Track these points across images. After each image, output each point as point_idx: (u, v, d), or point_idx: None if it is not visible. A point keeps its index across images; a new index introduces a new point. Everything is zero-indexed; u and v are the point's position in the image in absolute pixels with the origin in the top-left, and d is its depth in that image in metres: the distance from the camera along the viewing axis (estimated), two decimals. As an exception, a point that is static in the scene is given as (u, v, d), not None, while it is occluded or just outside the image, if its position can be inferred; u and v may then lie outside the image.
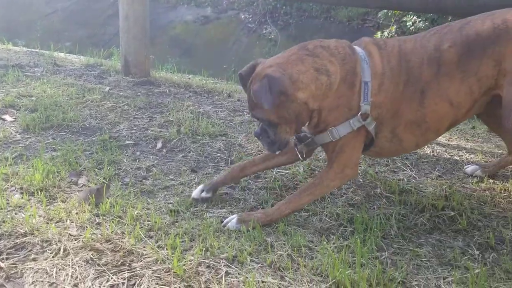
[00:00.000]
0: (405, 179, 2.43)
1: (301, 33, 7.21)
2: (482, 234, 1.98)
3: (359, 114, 1.92)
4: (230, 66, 6.54)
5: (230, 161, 2.54)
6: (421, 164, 2.61)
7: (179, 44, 7.23)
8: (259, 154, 2.44)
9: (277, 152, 2.03)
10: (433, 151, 2.76)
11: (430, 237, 1.98)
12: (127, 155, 2.54)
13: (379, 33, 5.17)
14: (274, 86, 1.79)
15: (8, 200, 1.97)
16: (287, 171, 2.43)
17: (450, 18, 4.54)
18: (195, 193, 2.16)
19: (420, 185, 2.38)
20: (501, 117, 1.94)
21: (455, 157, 2.70)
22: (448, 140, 2.98)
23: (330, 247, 1.84)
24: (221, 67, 6.63)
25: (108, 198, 2.06)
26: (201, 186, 2.17)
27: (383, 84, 1.94)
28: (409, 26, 4.83)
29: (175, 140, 2.73)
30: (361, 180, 2.40)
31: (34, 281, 1.56)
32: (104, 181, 2.23)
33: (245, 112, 3.24)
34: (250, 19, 7.86)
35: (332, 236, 1.94)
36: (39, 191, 2.07)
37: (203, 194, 2.15)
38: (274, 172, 2.41)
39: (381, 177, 2.42)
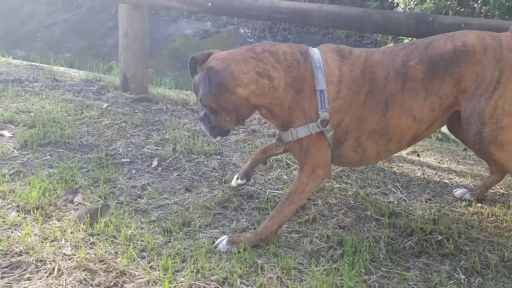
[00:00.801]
0: (395, 201, 2.48)
1: (299, 48, 7.30)
2: (468, 259, 2.02)
3: (318, 121, 2.01)
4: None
5: (224, 181, 2.58)
6: (411, 186, 2.66)
7: (178, 57, 7.30)
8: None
9: (217, 138, 2.22)
10: (423, 174, 2.81)
11: (417, 261, 2.02)
12: (123, 173, 2.58)
13: (376, 50, 5.25)
14: (214, 77, 1.95)
15: (4, 218, 2.01)
16: (280, 192, 2.48)
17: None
18: (233, 182, 2.51)
19: (410, 208, 2.42)
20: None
21: (445, 180, 2.75)
22: (439, 163, 3.03)
23: (319, 270, 1.88)
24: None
25: (102, 217, 2.10)
26: (236, 175, 2.50)
27: (341, 91, 2.02)
28: (405, 45, 4.91)
29: (170, 159, 2.78)
30: (352, 202, 2.44)
31: (27, 301, 1.60)
32: (100, 199, 2.27)
33: (240, 131, 3.29)
34: (249, 34, 7.95)
35: (321, 259, 1.98)
36: (35, 209, 2.11)
37: (239, 181, 2.49)
38: (267, 193, 2.45)
39: (372, 199, 2.47)
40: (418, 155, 3.13)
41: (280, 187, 2.53)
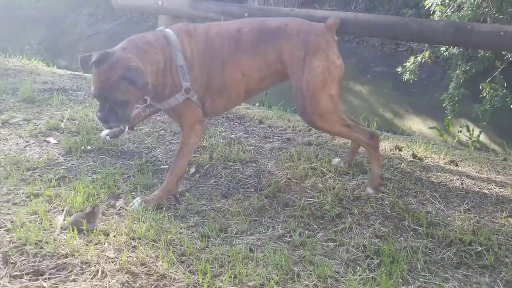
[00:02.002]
0: (433, 211, 2.44)
1: (333, 56, 7.28)
2: (509, 271, 1.98)
3: (182, 90, 2.39)
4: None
5: (259, 188, 2.62)
6: (450, 196, 2.61)
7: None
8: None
9: (126, 129, 2.53)
10: (462, 184, 2.76)
11: (456, 272, 2.00)
12: (162, 180, 2.65)
13: (412, 58, 5.17)
14: (137, 74, 2.19)
15: (51, 222, 2.11)
16: (316, 200, 2.49)
17: (481, 52, 4.51)
18: (102, 134, 2.88)
19: (448, 218, 2.39)
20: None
21: (484, 191, 2.70)
22: (478, 173, 2.97)
23: (356, 279, 1.89)
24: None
25: (144, 222, 2.17)
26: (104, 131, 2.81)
27: (194, 63, 2.41)
28: (443, 52, 4.81)
29: (207, 166, 2.83)
30: (388, 211, 2.43)
31: (74, 301, 1.67)
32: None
33: (275, 139, 3.32)
34: (282, 42, 8.02)
35: (358, 268, 1.98)
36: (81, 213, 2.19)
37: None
38: (302, 201, 2.47)
39: (409, 209, 2.45)
40: (457, 165, 3.08)
41: (315, 195, 2.54)
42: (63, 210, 2.21)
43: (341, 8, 7.36)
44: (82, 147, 2.91)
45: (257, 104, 4.88)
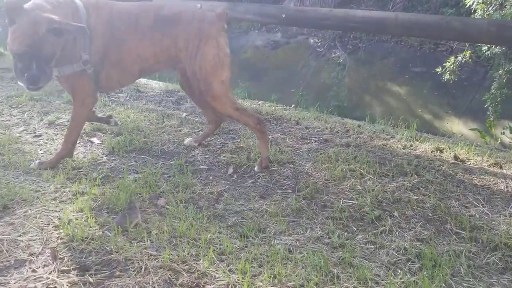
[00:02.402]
0: (477, 215, 2.38)
1: (370, 57, 7.18)
2: (560, 279, 1.90)
3: (81, 61, 2.48)
4: (298, 90, 6.65)
5: (297, 189, 2.62)
6: (494, 200, 2.54)
7: (249, 68, 7.47)
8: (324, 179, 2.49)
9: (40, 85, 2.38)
10: (507, 187, 2.68)
11: (502, 278, 1.94)
12: (201, 179, 2.70)
13: (452, 58, 5.04)
14: (64, 24, 2.30)
15: (96, 219, 2.18)
16: (354, 202, 2.47)
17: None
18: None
19: (493, 222, 2.32)
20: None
21: (532, 194, 2.60)
22: (525, 176, 2.87)
23: (397, 282, 1.86)
24: (289, 91, 6.75)
25: (184, 220, 2.21)
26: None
27: (96, 36, 2.52)
28: (484, 51, 4.67)
29: (245, 166, 2.86)
30: (430, 214, 2.38)
31: (118, 296, 1.72)
32: (181, 204, 2.38)
33: (312, 140, 3.31)
34: (319, 44, 7.95)
35: (399, 271, 1.95)
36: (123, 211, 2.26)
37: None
38: (341, 203, 2.45)
39: (452, 212, 2.39)
40: (501, 167, 2.98)
41: (354, 197, 2.51)
42: (107, 208, 2.29)
43: (378, 8, 7.26)
44: (124, 148, 3.00)
45: (293, 105, 4.88)
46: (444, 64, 4.79)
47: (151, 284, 1.78)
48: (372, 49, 7.41)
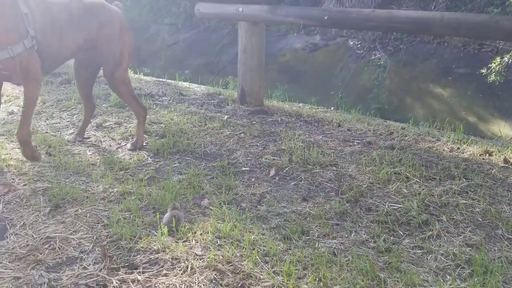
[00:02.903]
0: (530, 221, 2.28)
1: (411, 58, 7.03)
2: None
3: (29, 36, 2.54)
4: (337, 93, 6.59)
5: (340, 192, 2.59)
6: (549, 205, 2.42)
7: (287, 71, 7.46)
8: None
9: None
10: None
11: (560, 287, 1.84)
12: (243, 181, 2.71)
13: (498, 58, 4.86)
14: None
15: (143, 219, 2.23)
16: (400, 206, 2.42)
17: None
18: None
19: (549, 228, 2.21)
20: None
21: None
22: None
23: (447, 288, 1.81)
24: (328, 93, 6.69)
25: (228, 221, 2.23)
26: None
27: (36, 17, 2.59)
28: (533, 51, 4.48)
29: (287, 169, 2.85)
30: (480, 219, 2.30)
31: (165, 295, 1.75)
32: (224, 205, 2.39)
33: (355, 142, 3.27)
34: (358, 45, 7.85)
35: (448, 277, 1.89)
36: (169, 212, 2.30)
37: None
38: (386, 206, 2.41)
39: (503, 217, 2.30)
40: (556, 172, 2.85)
41: (400, 201, 2.46)
42: (153, 208, 2.33)
43: (420, 8, 7.09)
44: (168, 149, 3.05)
45: (332, 107, 4.84)
46: (489, 65, 4.62)
47: (197, 283, 1.80)
48: (413, 50, 7.25)
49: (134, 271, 1.86)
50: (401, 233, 2.22)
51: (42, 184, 2.53)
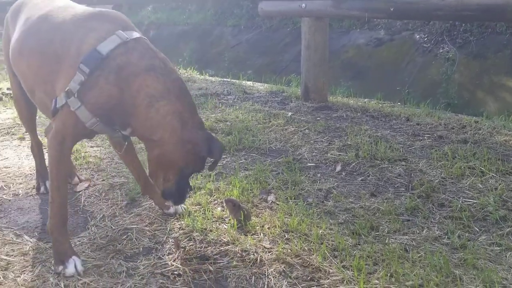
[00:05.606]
0: None
1: (482, 50, 6.67)
2: None
3: None
4: (403, 88, 6.38)
5: (411, 187, 2.51)
6: None
7: (350, 67, 7.34)
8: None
9: None
10: None
11: None
12: (309, 177, 2.70)
13: None
14: None
15: (212, 212, 2.29)
16: (475, 201, 2.31)
17: None
18: None
19: None
20: None
21: None
22: None
23: (530, 287, 1.70)
24: (394, 89, 6.50)
25: (295, 216, 2.23)
26: None
27: None
28: None
29: (353, 164, 2.81)
30: None
31: (236, 286, 1.79)
32: (290, 200, 2.41)
33: (425, 137, 3.16)
34: (425, 39, 7.56)
35: (531, 276, 1.78)
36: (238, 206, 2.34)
37: None
38: (460, 201, 2.31)
39: None
40: None
41: (475, 196, 2.35)
42: (221, 202, 2.39)
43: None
44: (234, 146, 3.12)
45: (398, 103, 4.70)
46: None
47: (266, 275, 1.82)
48: (484, 42, 6.88)
49: (206, 262, 1.92)
50: (477, 229, 2.11)
51: (119, 179, 2.67)
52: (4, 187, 2.61)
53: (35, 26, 2.01)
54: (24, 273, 1.83)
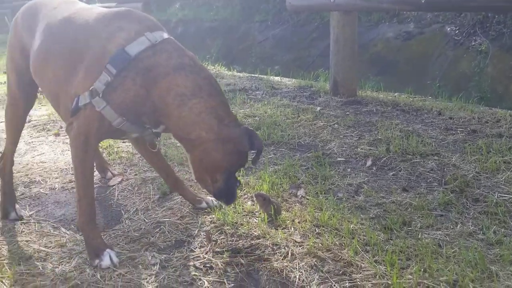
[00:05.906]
0: None
1: (517, 42, 6.47)
2: None
3: None
4: (434, 82, 6.26)
5: (444, 182, 2.47)
6: None
7: (379, 61, 7.23)
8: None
9: None
10: None
11: None
12: (339, 171, 2.69)
13: None
14: None
15: (243, 206, 2.31)
16: (511, 196, 2.25)
17: None
18: None
19: None
20: None
21: None
22: None
23: None
24: (424, 83, 6.38)
25: (326, 210, 2.23)
26: None
27: None
28: None
29: (384, 159, 2.78)
30: None
31: (268, 279, 1.80)
32: (320, 194, 2.40)
33: (458, 131, 3.09)
34: (456, 31, 7.37)
35: None
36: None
37: None
38: (496, 196, 2.25)
39: None
40: None
41: (510, 191, 2.29)
42: (251, 196, 2.40)
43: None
44: (264, 141, 3.12)
45: (429, 97, 4.61)
46: None
47: (297, 269, 1.83)
48: (519, 36, 6.67)
49: (237, 255, 1.93)
50: (514, 225, 2.06)
51: (150, 174, 2.72)
52: (41, 181, 2.69)
53: (59, 30, 1.95)
54: (62, 264, 1.89)
